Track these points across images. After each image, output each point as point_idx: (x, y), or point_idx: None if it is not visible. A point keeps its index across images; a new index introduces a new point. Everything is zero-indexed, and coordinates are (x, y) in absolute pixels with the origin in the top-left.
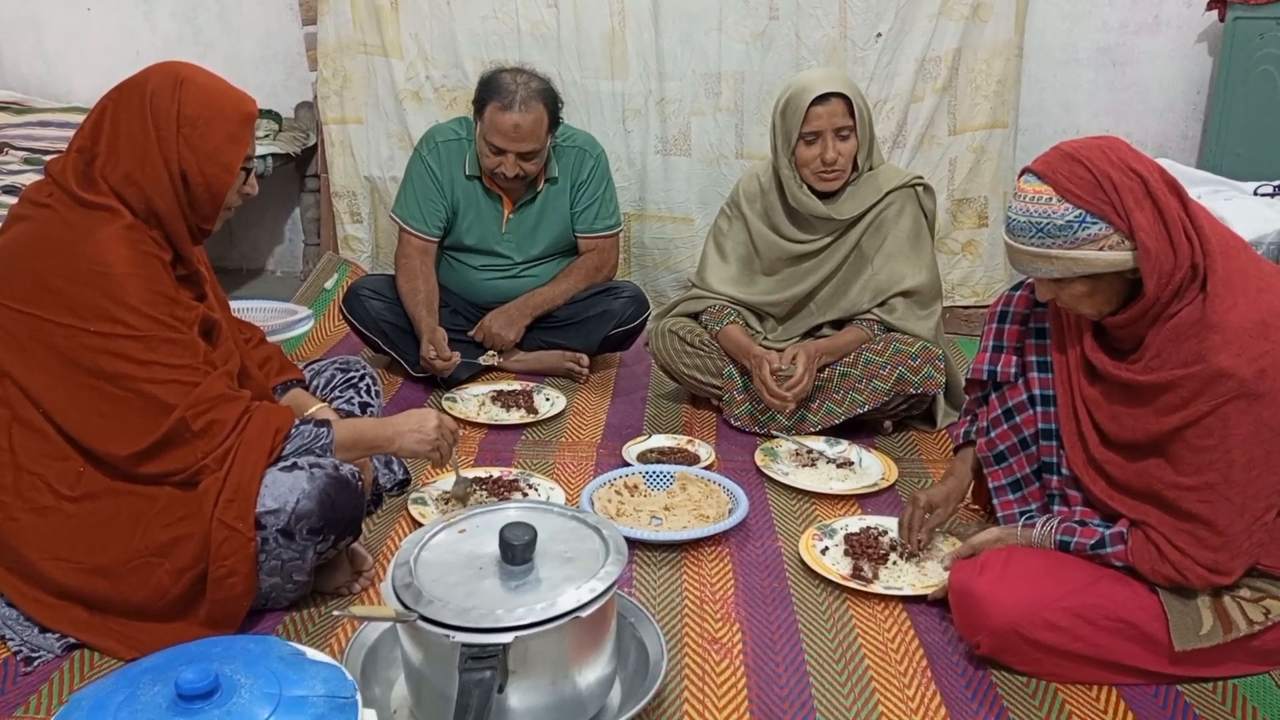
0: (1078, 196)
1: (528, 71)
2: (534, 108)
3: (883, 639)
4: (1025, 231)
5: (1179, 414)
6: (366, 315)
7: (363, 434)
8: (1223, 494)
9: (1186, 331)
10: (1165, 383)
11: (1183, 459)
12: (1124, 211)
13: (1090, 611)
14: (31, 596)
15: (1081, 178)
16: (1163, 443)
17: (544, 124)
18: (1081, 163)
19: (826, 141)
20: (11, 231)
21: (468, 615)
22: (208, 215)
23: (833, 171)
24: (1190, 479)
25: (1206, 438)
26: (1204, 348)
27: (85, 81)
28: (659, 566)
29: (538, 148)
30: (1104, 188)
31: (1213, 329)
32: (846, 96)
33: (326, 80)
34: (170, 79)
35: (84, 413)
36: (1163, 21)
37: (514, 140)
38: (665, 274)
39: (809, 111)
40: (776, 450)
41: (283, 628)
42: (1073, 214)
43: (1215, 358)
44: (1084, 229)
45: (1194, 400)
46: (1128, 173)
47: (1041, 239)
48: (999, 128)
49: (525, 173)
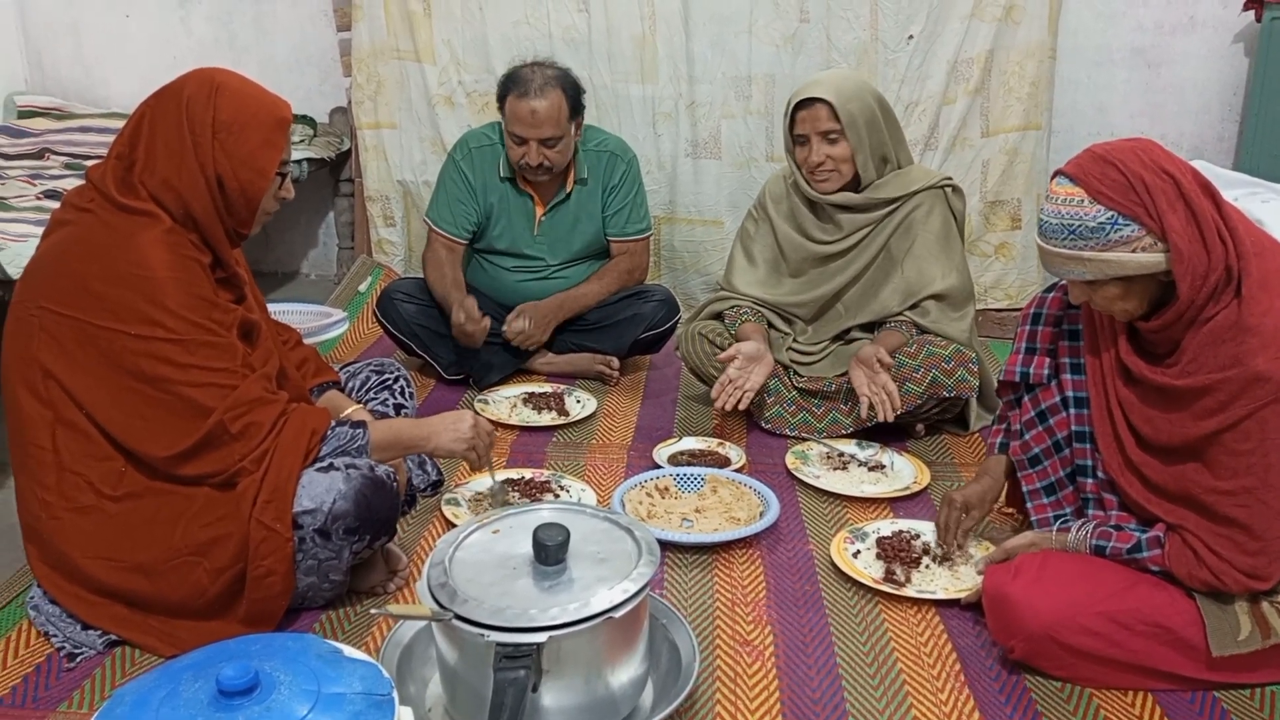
0: (1109, 198)
1: (546, 63)
2: (550, 93)
3: (915, 642)
4: (1057, 234)
5: (1216, 418)
6: (400, 318)
7: (399, 434)
8: (1261, 498)
9: (1223, 335)
10: (1202, 387)
11: (1220, 463)
12: (1156, 213)
13: (1126, 616)
14: (74, 594)
15: (1113, 179)
16: (1199, 447)
17: (562, 110)
18: (1114, 164)
19: (812, 145)
20: (54, 236)
21: (502, 615)
22: (244, 219)
23: (822, 172)
24: (1227, 483)
25: (1244, 442)
26: (1241, 351)
27: (123, 87)
28: (690, 569)
29: (558, 134)
30: (1136, 189)
31: (1249, 332)
32: (829, 102)
33: (360, 85)
34: (206, 85)
35: (125, 414)
36: (1198, 22)
37: (533, 126)
38: (695, 277)
39: (795, 115)
40: (807, 453)
41: (319, 626)
42: (1105, 216)
43: (1252, 361)
44: (1116, 231)
45: (1231, 404)
46: (1160, 174)
47: (1074, 241)
48: (1032, 129)
49: (550, 162)
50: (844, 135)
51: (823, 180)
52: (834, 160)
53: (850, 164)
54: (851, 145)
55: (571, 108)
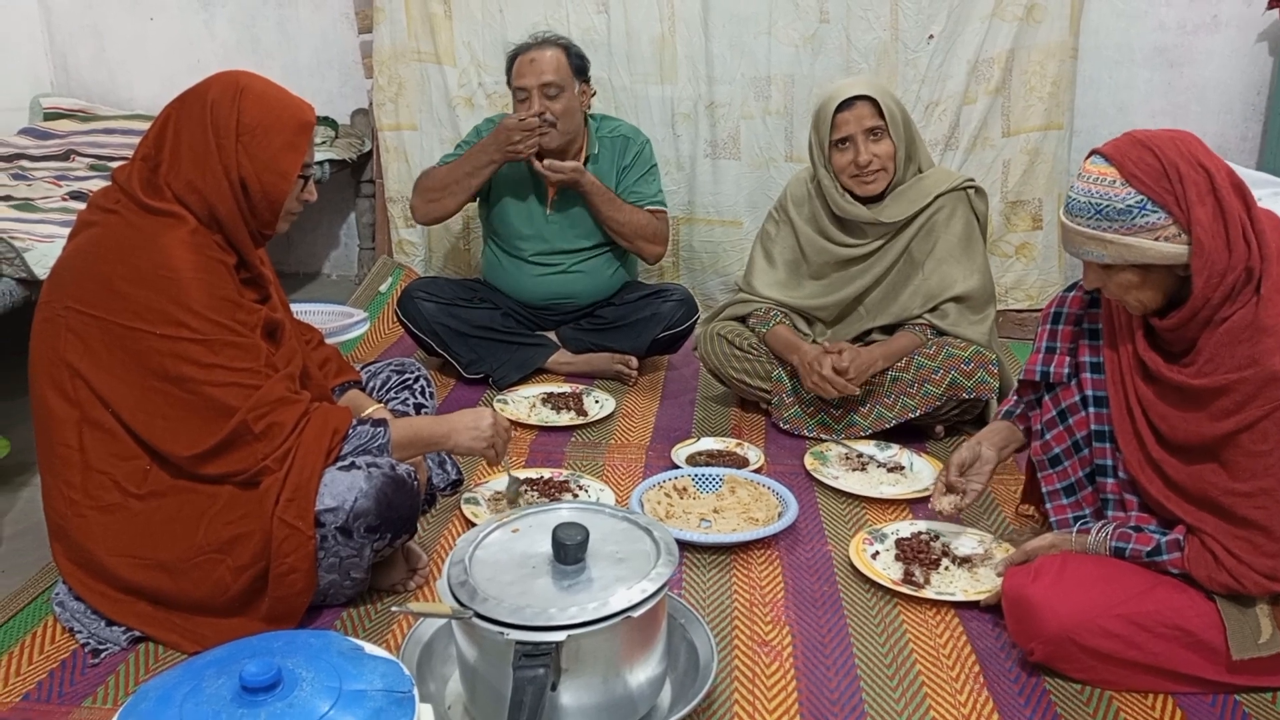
0: (1142, 182)
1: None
2: (550, 47)
3: (934, 644)
4: (1084, 212)
5: (1233, 418)
6: (420, 317)
7: (419, 432)
8: (1278, 499)
9: (1240, 335)
10: (1219, 387)
11: (1237, 464)
12: (1185, 204)
13: (1146, 619)
14: (98, 591)
15: (1149, 164)
16: (1217, 447)
17: (562, 62)
18: (1151, 150)
19: (858, 144)
20: (81, 237)
21: (522, 613)
22: (268, 221)
23: (869, 174)
24: (1245, 485)
25: (1261, 443)
26: (1258, 351)
27: (146, 89)
28: (708, 569)
29: (558, 82)
30: (1170, 177)
31: (1267, 332)
32: (872, 98)
33: (382, 87)
34: (230, 88)
35: (149, 414)
36: (1221, 21)
37: (533, 73)
38: (714, 277)
39: (836, 118)
40: (826, 454)
41: (341, 623)
42: (1134, 199)
43: (1269, 361)
44: (1143, 215)
45: (1248, 404)
46: (1196, 166)
47: (1099, 221)
48: (1053, 129)
49: (553, 115)
50: (888, 132)
51: (871, 181)
52: (880, 159)
53: (893, 162)
54: (894, 142)
55: (575, 67)
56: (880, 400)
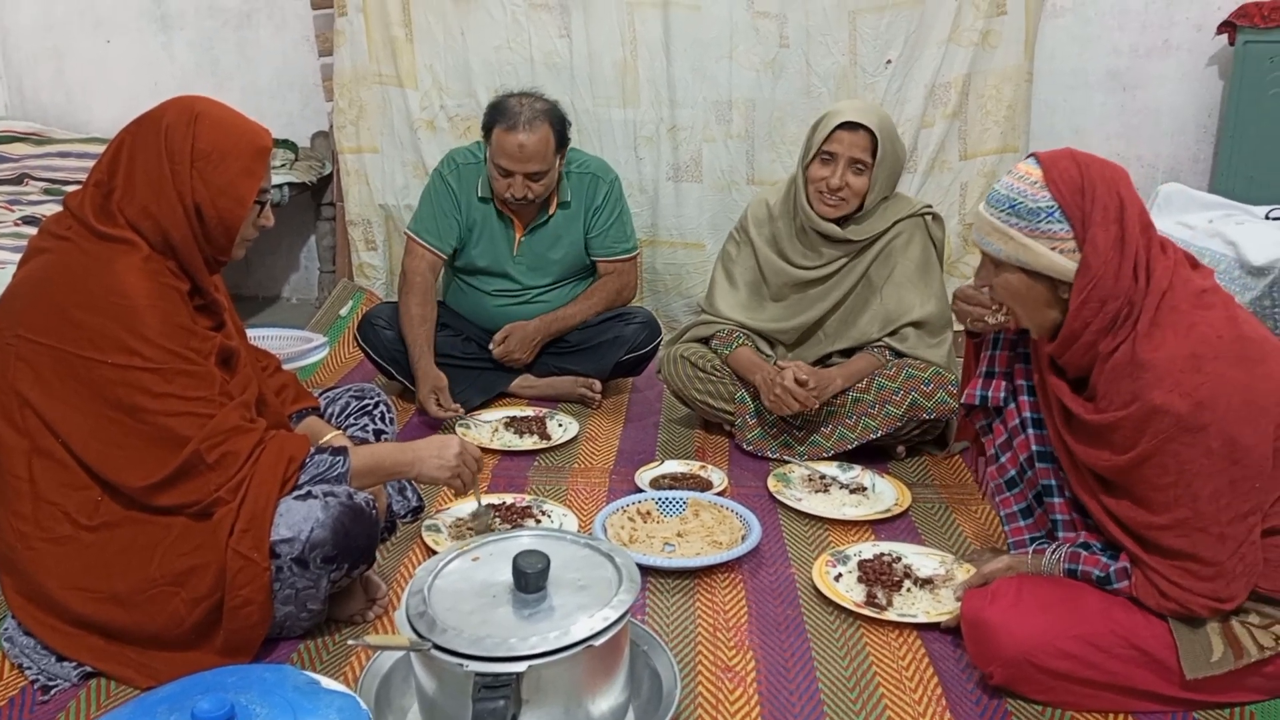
0: (1059, 190)
1: (534, 94)
2: (539, 128)
3: (897, 667)
4: (1000, 204)
5: (1129, 454)
6: (380, 344)
7: (381, 460)
8: (1197, 527)
9: (1122, 371)
10: (1110, 423)
11: (1150, 499)
12: (1089, 222)
13: (1102, 639)
14: (49, 625)
15: (1071, 177)
16: (1127, 482)
17: (550, 144)
18: (1078, 166)
19: (838, 166)
20: (32, 264)
21: (481, 644)
22: (223, 247)
23: (835, 198)
24: (1162, 518)
25: (1163, 475)
26: (1138, 386)
27: (105, 112)
28: (672, 594)
29: (544, 169)
30: (1085, 193)
31: (1143, 367)
32: (874, 134)
33: (342, 110)
34: (186, 113)
35: (102, 443)
36: (1173, 45)
37: (520, 161)
38: (677, 299)
39: (834, 133)
40: (789, 476)
41: (297, 656)
42: (1046, 203)
43: (1149, 395)
44: (1048, 222)
45: (1139, 439)
46: (1113, 194)
47: (1009, 216)
48: (1009, 152)
49: (534, 194)
50: (870, 170)
51: (831, 205)
52: (850, 191)
53: (860, 199)
54: (870, 182)
55: (558, 141)
56: (842, 421)
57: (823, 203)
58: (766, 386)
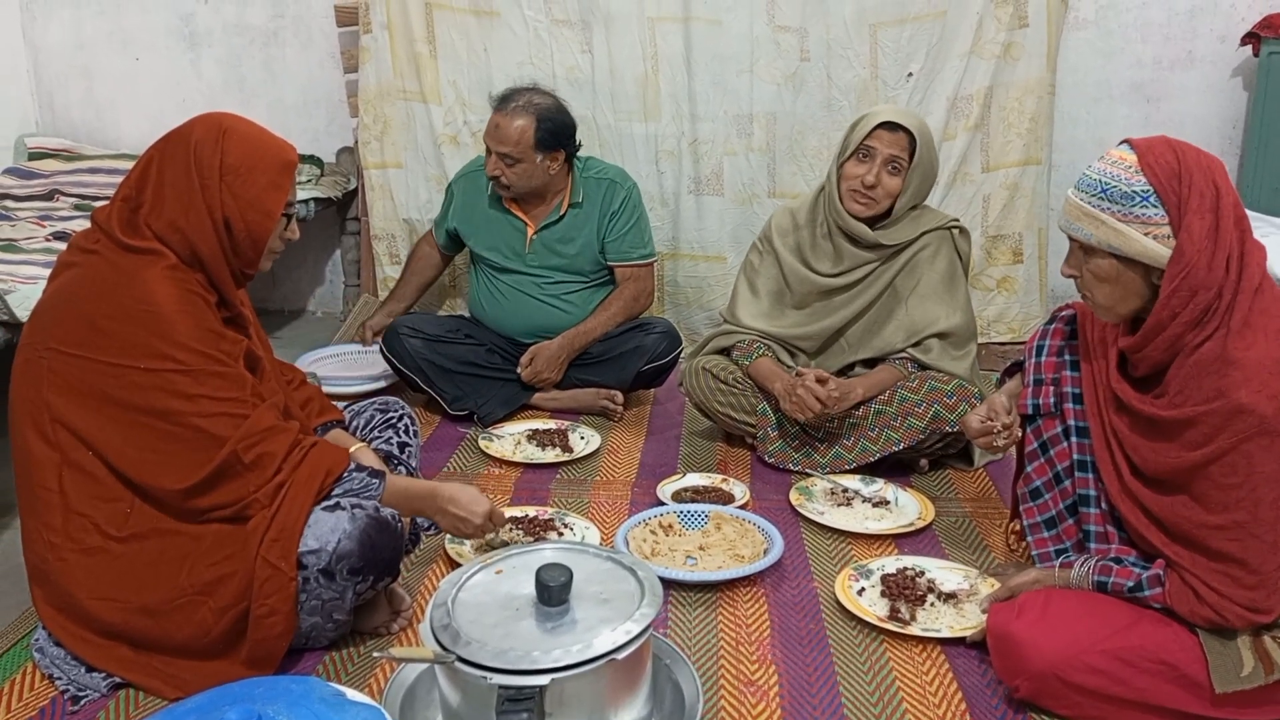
0: (1155, 174)
1: (544, 91)
2: (520, 117)
3: (920, 682)
4: (1090, 189)
5: (1201, 451)
6: (405, 354)
7: (410, 499)
8: (1252, 532)
9: (1209, 367)
10: (1187, 419)
11: (1210, 498)
12: (1185, 209)
13: (1130, 654)
14: (79, 636)
15: (1167, 162)
16: (1188, 480)
17: (526, 135)
18: (1175, 152)
19: (875, 164)
20: (61, 278)
21: (505, 657)
22: (250, 260)
23: (867, 196)
24: (1218, 518)
25: (1230, 475)
26: (1224, 384)
27: (133, 128)
28: (694, 607)
29: (516, 155)
30: (1182, 180)
31: (1234, 365)
32: (913, 135)
33: (367, 126)
34: (213, 129)
35: (138, 450)
36: (1196, 57)
37: (494, 140)
38: (698, 312)
39: (875, 131)
40: (811, 489)
41: (322, 667)
42: (1141, 187)
43: (1235, 394)
44: (1143, 206)
45: (1215, 437)
46: (1209, 183)
47: (1100, 201)
48: (1032, 164)
49: (506, 179)
50: (905, 173)
51: (863, 203)
52: (884, 190)
53: (892, 201)
54: (904, 184)
55: (541, 139)
56: (864, 433)
57: (855, 200)
58: (786, 391)
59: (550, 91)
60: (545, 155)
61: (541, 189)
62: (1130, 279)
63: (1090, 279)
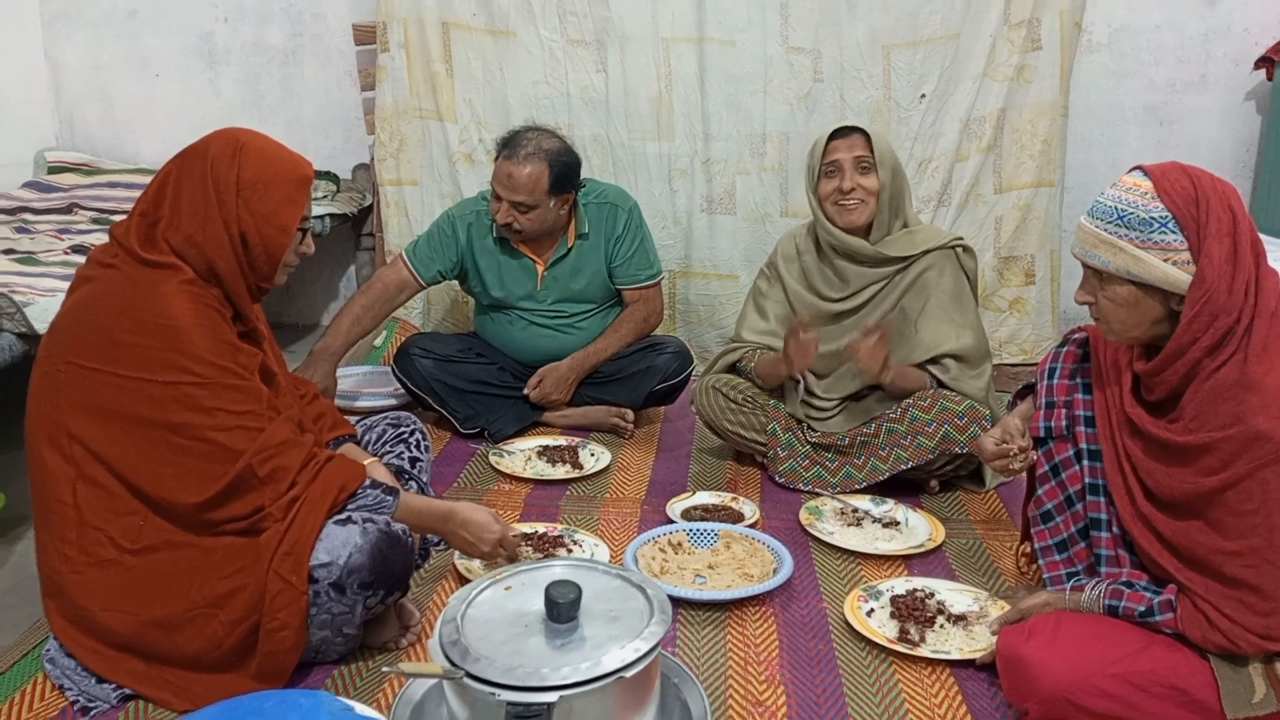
0: (1172, 200)
1: (549, 131)
2: (532, 164)
3: (929, 704)
4: (1105, 216)
5: (1217, 476)
6: (416, 373)
7: (423, 518)
8: (1267, 559)
9: (1225, 392)
10: (1203, 444)
11: (1225, 524)
12: (1204, 234)
13: (1141, 678)
14: (90, 647)
15: (1184, 188)
16: (1203, 505)
17: (539, 183)
18: (1190, 177)
19: (845, 171)
20: (79, 293)
21: (513, 673)
22: (266, 274)
23: (850, 200)
24: (1233, 544)
25: (1246, 502)
26: (1241, 410)
27: (152, 144)
28: (703, 626)
29: (530, 203)
30: (1199, 205)
31: (1251, 390)
32: (865, 133)
33: (383, 143)
34: (230, 145)
35: (153, 464)
36: (1210, 80)
37: (507, 189)
38: (710, 330)
39: (828, 145)
40: (821, 509)
41: (331, 681)
42: (1159, 213)
43: (1253, 420)
44: (1161, 232)
45: (1232, 463)
46: (1225, 208)
47: (1117, 228)
48: (1045, 186)
49: (518, 225)
50: (875, 168)
51: (851, 208)
52: (864, 190)
53: (876, 198)
54: (880, 179)
55: (554, 183)
56: (875, 452)
57: (842, 211)
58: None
59: (553, 130)
60: (558, 198)
61: (551, 229)
62: (1149, 305)
63: (1107, 305)
